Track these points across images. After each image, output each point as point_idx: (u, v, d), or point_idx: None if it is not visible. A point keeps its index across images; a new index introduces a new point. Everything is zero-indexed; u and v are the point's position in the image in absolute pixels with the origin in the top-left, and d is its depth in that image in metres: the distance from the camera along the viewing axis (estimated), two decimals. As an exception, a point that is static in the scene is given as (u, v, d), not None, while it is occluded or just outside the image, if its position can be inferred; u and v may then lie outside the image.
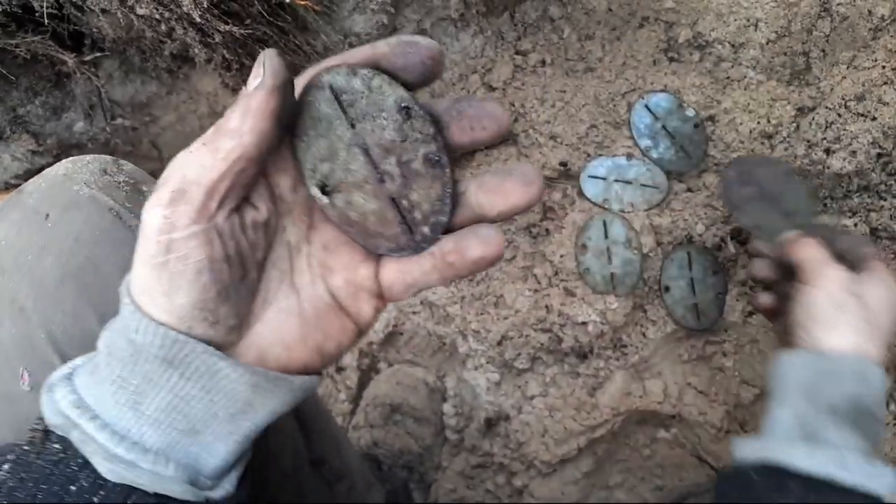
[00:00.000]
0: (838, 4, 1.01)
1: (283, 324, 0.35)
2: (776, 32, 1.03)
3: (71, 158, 0.58)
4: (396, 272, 0.36)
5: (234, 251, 0.32)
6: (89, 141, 1.13)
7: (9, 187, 1.10)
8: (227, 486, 0.36)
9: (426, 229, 0.35)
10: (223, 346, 0.33)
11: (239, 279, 0.33)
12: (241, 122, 0.30)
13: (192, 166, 0.31)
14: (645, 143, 1.04)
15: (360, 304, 0.37)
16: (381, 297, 0.37)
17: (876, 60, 0.98)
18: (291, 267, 0.36)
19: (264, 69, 0.30)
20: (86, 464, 0.33)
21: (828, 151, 0.97)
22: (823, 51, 1.02)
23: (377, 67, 0.32)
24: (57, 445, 0.34)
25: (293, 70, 0.31)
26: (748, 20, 1.04)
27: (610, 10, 1.08)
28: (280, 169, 0.35)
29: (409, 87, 0.33)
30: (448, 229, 0.35)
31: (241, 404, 0.34)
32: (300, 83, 0.34)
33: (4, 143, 1.07)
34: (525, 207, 0.35)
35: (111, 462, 0.33)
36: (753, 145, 1.01)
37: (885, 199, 0.98)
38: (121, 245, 0.53)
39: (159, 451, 0.33)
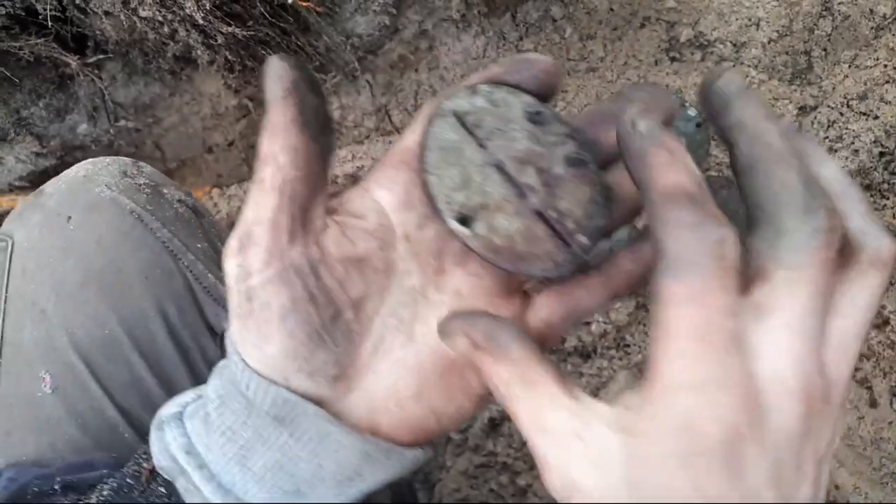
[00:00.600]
0: (840, 3, 1.01)
1: (398, 377, 0.32)
2: (778, 31, 1.03)
3: (90, 160, 0.58)
4: (555, 303, 0.33)
5: (317, 288, 0.30)
6: (93, 143, 1.13)
7: (13, 189, 1.10)
8: None
9: (583, 238, 0.31)
10: (329, 402, 0.31)
11: (330, 319, 0.30)
12: (270, 145, 0.29)
13: (250, 207, 0.29)
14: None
15: None
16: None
17: (878, 59, 0.98)
18: (415, 315, 0.33)
19: (270, 80, 0.29)
20: None
21: (830, 150, 0.97)
22: (825, 50, 1.02)
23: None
24: (162, 489, 0.33)
25: (302, 66, 0.30)
26: (750, 19, 1.04)
27: (611, 9, 1.08)
28: (404, 205, 0.32)
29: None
30: (608, 232, 0.32)
31: (350, 472, 0.31)
32: (420, 121, 0.32)
33: (8, 145, 1.07)
34: None
35: None
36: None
37: (888, 198, 0.98)
38: (142, 247, 0.53)
39: None
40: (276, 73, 0.29)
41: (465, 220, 0.31)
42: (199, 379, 0.55)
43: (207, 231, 0.61)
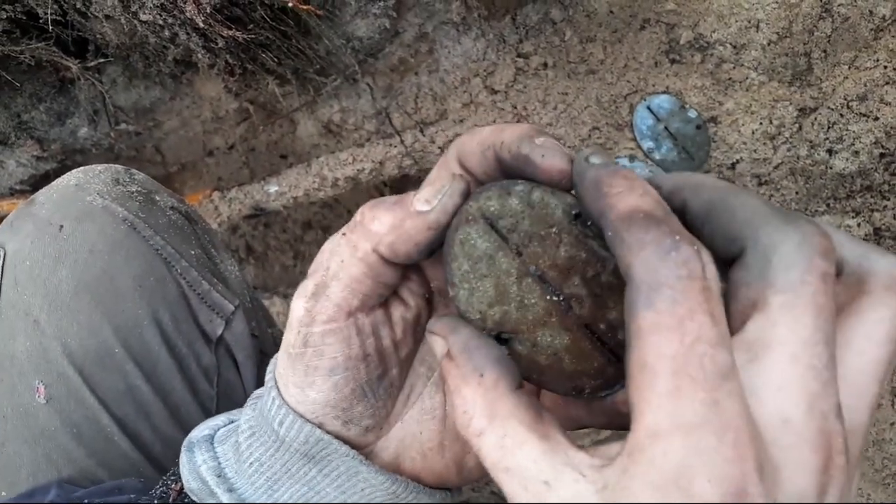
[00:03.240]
0: (839, 5, 1.01)
1: (422, 426, 0.32)
2: (777, 33, 1.03)
3: (82, 168, 0.57)
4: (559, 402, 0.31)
5: (373, 349, 0.30)
6: (93, 146, 1.13)
7: (14, 193, 1.10)
8: None
9: None
10: (359, 446, 0.32)
11: (377, 378, 0.31)
12: (386, 232, 0.28)
13: (335, 260, 0.29)
14: (647, 144, 1.04)
15: None
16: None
17: (877, 60, 0.98)
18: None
19: (439, 202, 0.28)
20: None
21: (830, 152, 0.97)
22: (825, 51, 1.02)
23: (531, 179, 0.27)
24: None
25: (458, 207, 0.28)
26: (749, 21, 1.04)
27: (611, 12, 1.08)
28: (437, 261, 0.31)
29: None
30: None
31: None
32: (443, 166, 0.30)
33: (9, 148, 1.08)
34: None
35: None
36: (756, 146, 1.01)
37: (889, 199, 0.98)
38: (135, 255, 0.53)
39: None
40: (448, 204, 0.28)
41: (501, 338, 0.28)
42: (194, 386, 0.55)
43: (201, 237, 0.60)
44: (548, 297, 0.27)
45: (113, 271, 0.52)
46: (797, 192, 1.03)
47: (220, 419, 0.35)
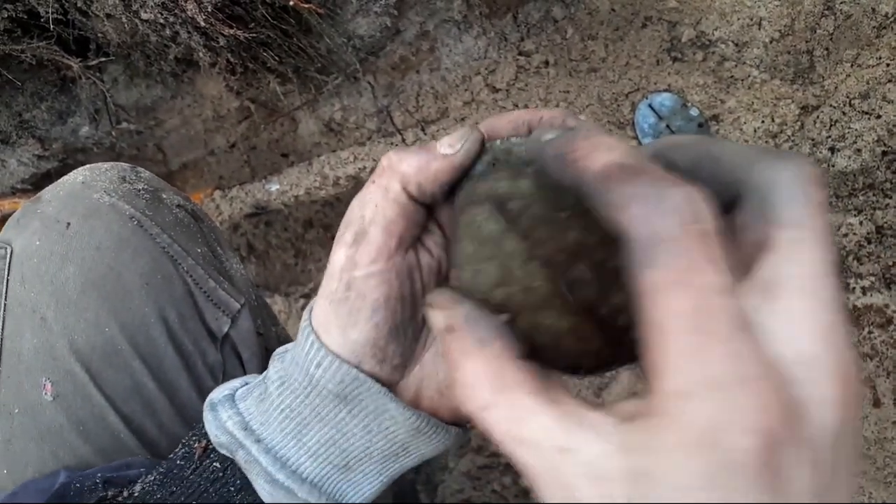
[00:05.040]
0: (842, 3, 1.01)
1: (438, 367, 0.35)
2: (780, 31, 1.03)
3: (88, 166, 0.58)
4: None
5: (408, 291, 0.33)
6: (95, 145, 1.13)
7: (15, 192, 1.10)
8: None
9: (635, 334, 0.25)
10: (388, 384, 0.34)
11: (409, 319, 0.33)
12: (414, 173, 0.30)
13: (369, 206, 0.31)
14: (649, 142, 1.04)
15: None
16: None
17: (880, 58, 0.98)
18: None
19: (462, 146, 0.30)
20: (243, 487, 0.34)
21: (832, 150, 0.97)
22: (827, 49, 1.02)
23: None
24: (217, 464, 0.35)
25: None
26: (751, 19, 1.04)
27: (613, 10, 1.08)
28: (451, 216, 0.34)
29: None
30: None
31: (397, 447, 0.34)
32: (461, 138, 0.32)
33: (11, 147, 1.07)
34: None
35: (272, 486, 0.34)
36: (758, 144, 1.01)
37: (891, 197, 0.98)
38: (142, 253, 0.53)
39: (313, 483, 0.34)
40: (471, 149, 0.30)
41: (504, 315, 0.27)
42: (200, 384, 0.55)
43: (207, 236, 0.60)
44: (552, 281, 0.26)
45: (120, 269, 0.52)
46: (799, 190, 1.03)
47: (236, 382, 0.38)
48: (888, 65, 0.97)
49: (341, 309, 0.32)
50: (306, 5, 0.93)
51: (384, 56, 1.11)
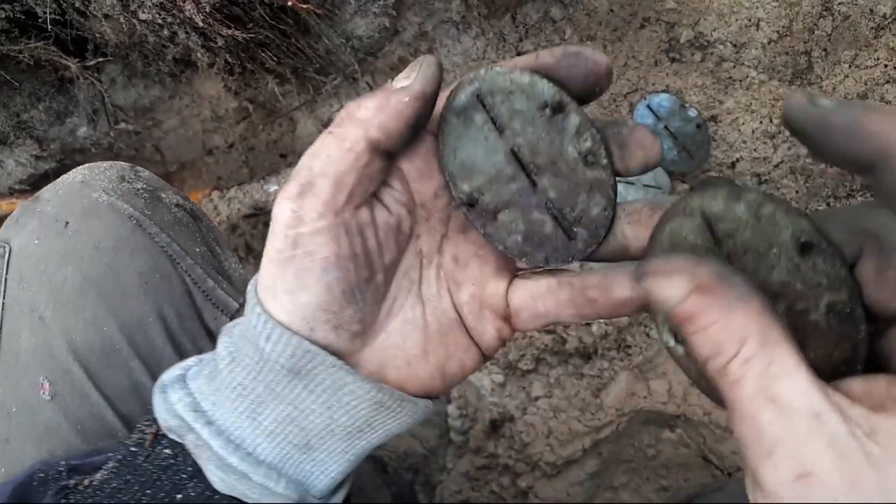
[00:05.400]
0: (839, 3, 1.01)
1: (406, 336, 0.33)
2: (778, 32, 1.03)
3: (87, 165, 0.58)
4: (528, 297, 0.34)
5: (360, 249, 0.31)
6: (93, 146, 1.13)
7: (13, 192, 1.10)
8: None
9: (585, 233, 0.32)
10: (345, 355, 0.32)
11: (364, 280, 0.31)
12: (373, 115, 0.29)
13: (320, 157, 0.30)
14: None
15: (485, 324, 0.34)
16: (507, 322, 0.35)
17: (878, 59, 0.98)
18: (420, 277, 0.34)
19: (417, 73, 0.29)
20: (196, 473, 0.32)
21: (830, 150, 0.97)
22: (825, 50, 1.02)
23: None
24: (168, 451, 0.33)
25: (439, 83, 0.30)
26: (750, 20, 1.04)
27: (611, 10, 1.08)
28: (424, 175, 0.33)
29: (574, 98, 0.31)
30: (594, 259, 0.33)
31: (361, 423, 0.32)
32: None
33: (8, 148, 1.07)
34: None
35: (224, 472, 0.32)
36: (756, 145, 1.01)
37: (889, 198, 0.98)
38: (141, 252, 0.53)
39: (272, 465, 0.32)
40: (427, 76, 0.29)
41: (473, 203, 0.32)
42: None
43: (205, 235, 0.60)
44: (518, 175, 0.31)
45: (118, 268, 0.52)
46: (797, 191, 1.03)
47: (190, 360, 0.35)
48: (886, 65, 0.97)
49: (287, 270, 0.30)
50: (304, 6, 0.93)
51: (383, 56, 1.11)
